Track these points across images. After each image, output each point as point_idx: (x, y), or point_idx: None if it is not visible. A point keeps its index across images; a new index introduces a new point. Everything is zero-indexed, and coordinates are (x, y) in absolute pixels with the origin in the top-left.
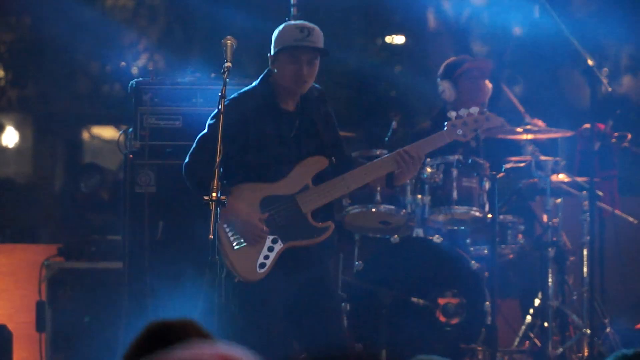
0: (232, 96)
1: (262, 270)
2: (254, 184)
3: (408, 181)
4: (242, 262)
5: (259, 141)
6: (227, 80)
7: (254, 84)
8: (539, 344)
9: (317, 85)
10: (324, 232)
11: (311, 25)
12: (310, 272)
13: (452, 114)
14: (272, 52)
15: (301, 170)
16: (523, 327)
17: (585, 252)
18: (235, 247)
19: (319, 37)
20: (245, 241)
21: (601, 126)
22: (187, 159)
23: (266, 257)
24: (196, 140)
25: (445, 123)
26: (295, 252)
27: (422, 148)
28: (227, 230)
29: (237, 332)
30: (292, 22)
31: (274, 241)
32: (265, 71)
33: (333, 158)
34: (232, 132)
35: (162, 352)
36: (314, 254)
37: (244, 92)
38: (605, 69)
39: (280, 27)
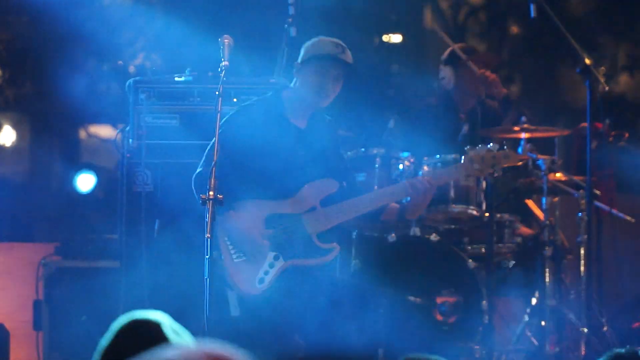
0: (244, 104)
1: (261, 285)
2: (261, 201)
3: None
4: (242, 275)
5: (264, 150)
6: (224, 79)
7: (267, 95)
8: (536, 342)
9: (327, 116)
10: (328, 253)
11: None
12: (313, 292)
13: (470, 149)
14: (300, 60)
15: (310, 191)
16: (520, 326)
17: (582, 250)
18: (236, 260)
19: (349, 56)
20: (244, 255)
21: (598, 125)
22: (199, 169)
23: (266, 273)
24: (206, 151)
25: (463, 157)
26: (298, 271)
27: (437, 178)
28: (228, 242)
29: (232, 333)
30: (327, 38)
31: (276, 258)
32: (279, 85)
33: (344, 183)
34: (240, 137)
35: (148, 352)
36: (318, 275)
37: (256, 100)
38: (603, 68)
39: (315, 39)
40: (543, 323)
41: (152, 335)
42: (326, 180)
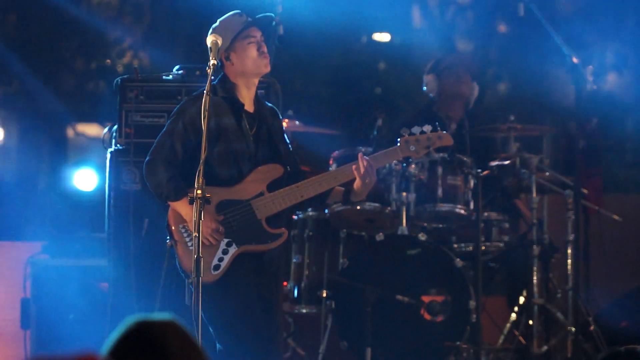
0: (195, 92)
1: (216, 272)
2: (210, 188)
3: (393, 179)
4: None
5: (218, 132)
6: (212, 77)
7: (215, 81)
8: (523, 341)
9: (269, 104)
10: (278, 238)
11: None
12: (263, 277)
13: (405, 131)
14: (225, 49)
15: (257, 177)
16: (508, 325)
17: (569, 249)
18: (190, 248)
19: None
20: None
21: (586, 124)
22: (148, 157)
23: (220, 260)
24: (156, 139)
25: (399, 139)
26: (250, 257)
27: (377, 161)
28: (182, 230)
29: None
30: (226, 15)
31: (229, 244)
32: (221, 75)
33: (288, 167)
34: (194, 126)
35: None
36: (267, 260)
37: (204, 89)
38: (590, 67)
39: (216, 24)
40: (530, 322)
41: (153, 337)
42: (272, 165)
